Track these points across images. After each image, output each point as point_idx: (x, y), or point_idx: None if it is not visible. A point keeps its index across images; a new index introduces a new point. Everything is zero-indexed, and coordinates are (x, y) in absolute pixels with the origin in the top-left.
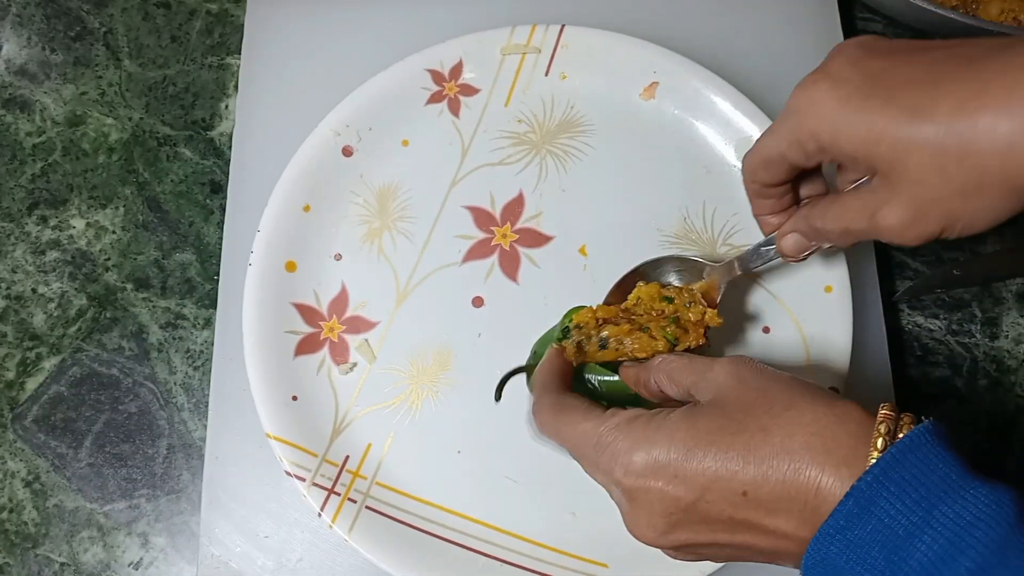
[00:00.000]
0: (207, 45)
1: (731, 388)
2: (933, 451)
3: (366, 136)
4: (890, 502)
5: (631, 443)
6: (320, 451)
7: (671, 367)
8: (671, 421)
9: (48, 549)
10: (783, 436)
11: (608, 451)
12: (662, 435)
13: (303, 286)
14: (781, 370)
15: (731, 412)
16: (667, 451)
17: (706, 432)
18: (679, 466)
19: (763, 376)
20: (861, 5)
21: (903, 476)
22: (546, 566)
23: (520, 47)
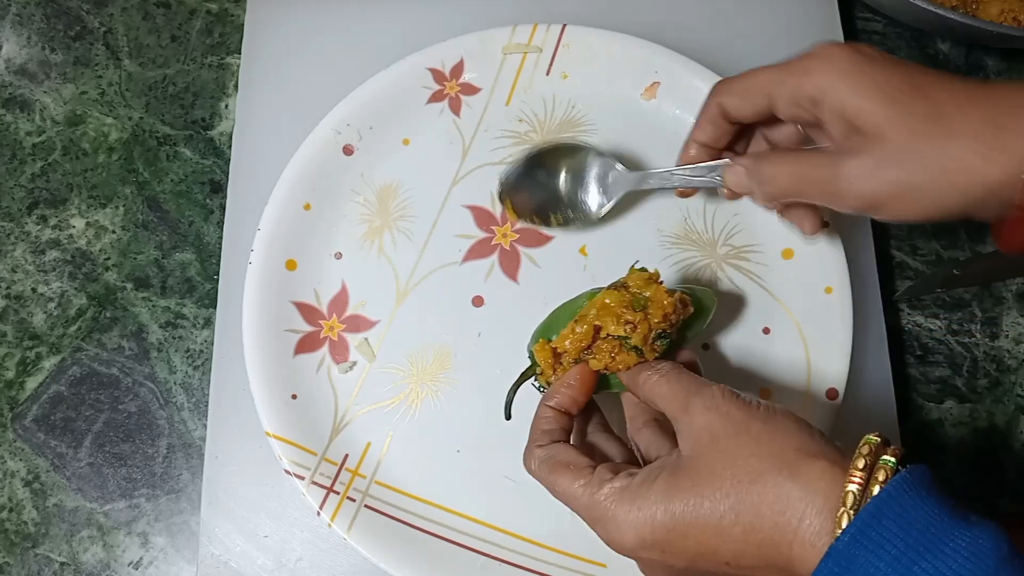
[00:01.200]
0: (207, 45)
1: (703, 448)
2: (910, 503)
3: (367, 135)
4: (870, 560)
5: (620, 521)
6: (319, 450)
7: (655, 392)
8: (651, 498)
9: (48, 549)
10: (753, 515)
11: (601, 525)
12: (644, 515)
13: (303, 285)
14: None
15: (703, 484)
16: (651, 532)
17: (682, 511)
18: (664, 544)
19: (734, 436)
20: (861, 5)
21: (880, 534)
22: (545, 566)
23: (521, 46)
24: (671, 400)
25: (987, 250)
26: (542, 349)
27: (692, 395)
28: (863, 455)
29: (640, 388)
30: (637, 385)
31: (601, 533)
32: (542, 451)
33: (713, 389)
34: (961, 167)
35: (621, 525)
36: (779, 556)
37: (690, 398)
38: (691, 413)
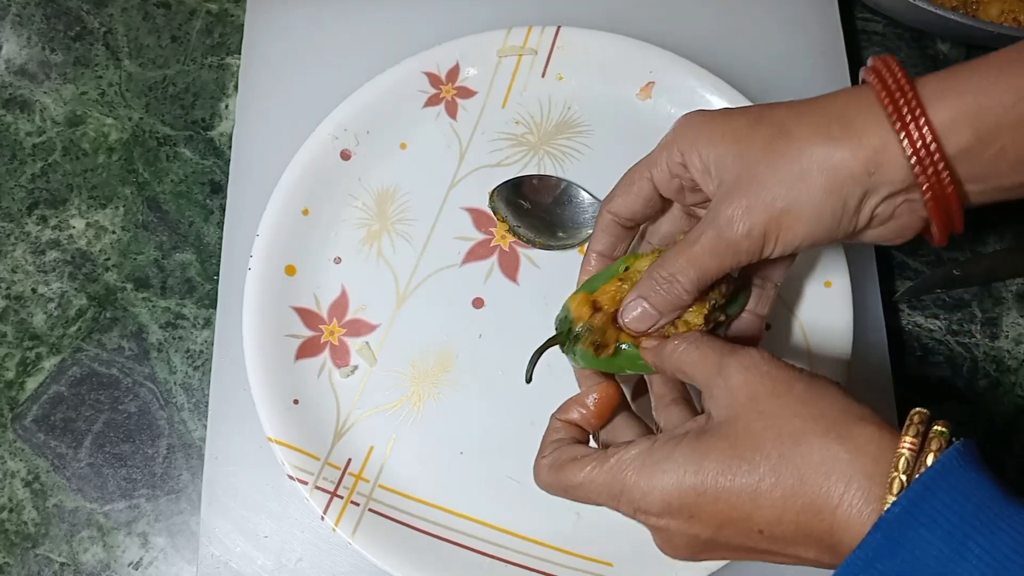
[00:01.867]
0: (207, 45)
1: (741, 408)
2: (965, 477)
3: (364, 139)
4: (921, 534)
5: (645, 486)
6: (322, 454)
7: (683, 361)
8: (677, 460)
9: (48, 549)
10: (795, 478)
11: (624, 496)
12: (670, 478)
13: (303, 290)
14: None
15: (740, 447)
16: (678, 494)
17: (715, 473)
18: (692, 509)
19: (775, 396)
20: (861, 5)
21: (934, 507)
22: (551, 566)
23: (516, 49)
24: (702, 366)
25: (987, 250)
26: (582, 301)
27: (726, 356)
28: (914, 423)
29: (667, 360)
30: (664, 357)
31: (624, 505)
32: (546, 459)
33: (749, 350)
34: (820, 168)
35: (644, 489)
36: (820, 523)
37: (724, 359)
38: (726, 375)
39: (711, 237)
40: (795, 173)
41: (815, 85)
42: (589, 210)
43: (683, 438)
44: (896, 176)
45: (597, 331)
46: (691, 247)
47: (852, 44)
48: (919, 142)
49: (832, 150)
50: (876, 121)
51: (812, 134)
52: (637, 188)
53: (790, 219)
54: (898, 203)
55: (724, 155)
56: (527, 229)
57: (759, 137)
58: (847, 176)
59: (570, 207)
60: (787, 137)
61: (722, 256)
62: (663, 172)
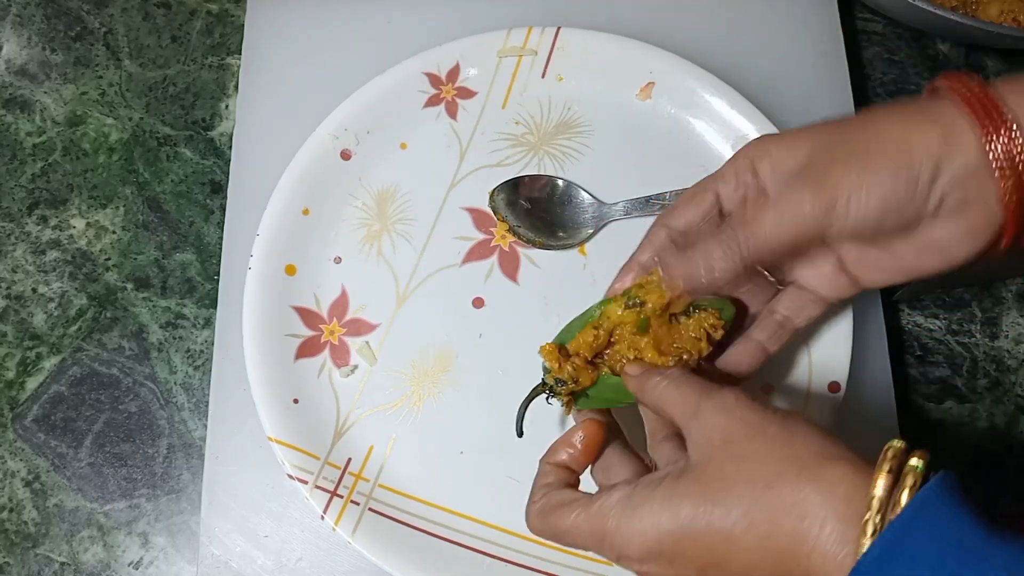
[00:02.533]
0: (207, 45)
1: (715, 451)
2: (944, 514)
3: (364, 139)
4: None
5: (624, 531)
6: (322, 454)
7: (663, 399)
8: (655, 505)
9: (48, 549)
10: (768, 522)
11: (607, 541)
12: (648, 523)
13: (303, 289)
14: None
15: (713, 490)
16: (657, 539)
17: (690, 518)
18: (671, 554)
19: (748, 439)
20: (861, 5)
21: (913, 548)
22: (551, 565)
23: (517, 49)
24: (680, 405)
25: None
26: (550, 351)
27: (703, 398)
28: (888, 459)
29: (648, 395)
30: (645, 392)
31: (608, 551)
32: (536, 505)
33: (725, 392)
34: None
35: (625, 535)
36: (796, 567)
37: (701, 402)
38: (701, 417)
39: (778, 203)
40: (872, 142)
41: (815, 85)
42: (589, 210)
43: (661, 482)
44: (970, 157)
45: (571, 380)
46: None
47: (852, 44)
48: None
49: (910, 122)
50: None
51: (888, 114)
52: (698, 200)
53: (863, 183)
54: (969, 190)
55: (798, 151)
56: (527, 229)
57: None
58: (923, 145)
59: (570, 207)
60: (863, 120)
61: (788, 223)
62: (730, 184)
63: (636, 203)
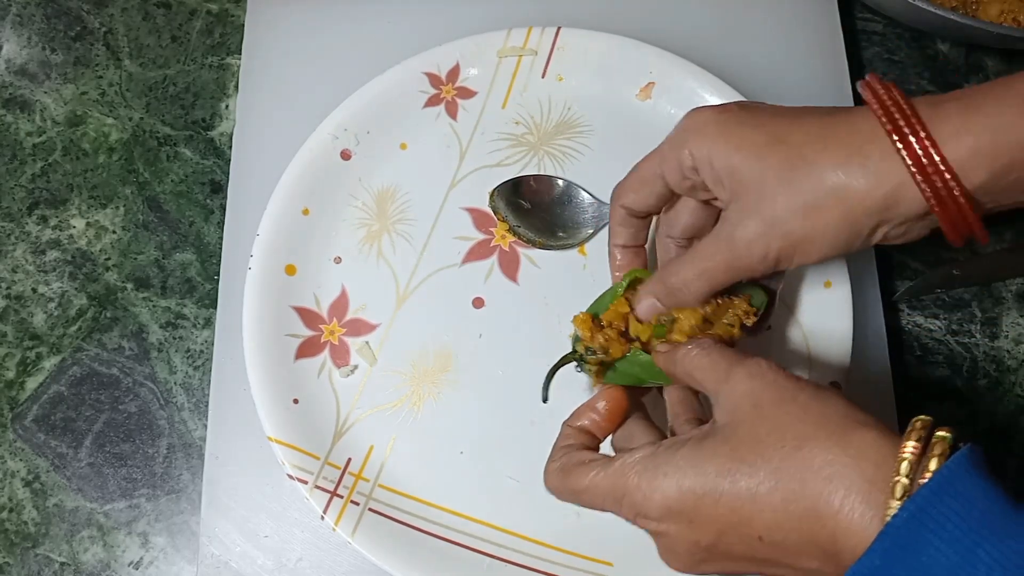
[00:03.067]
0: (207, 45)
1: (745, 415)
2: (972, 483)
3: (364, 139)
4: (929, 540)
5: (645, 488)
6: (322, 454)
7: (694, 366)
8: (679, 463)
9: (48, 549)
10: (796, 482)
11: (626, 499)
12: (671, 480)
13: (303, 289)
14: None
15: (742, 450)
16: (678, 497)
17: (715, 475)
18: (692, 512)
19: (779, 403)
20: (861, 5)
21: (942, 512)
22: (551, 566)
23: (517, 49)
24: (711, 372)
25: (987, 250)
26: (584, 320)
27: (735, 364)
28: (916, 428)
29: (678, 364)
30: (675, 361)
31: (626, 509)
32: (556, 463)
33: (757, 359)
34: (838, 200)
35: (646, 492)
36: (821, 530)
37: (732, 367)
38: (732, 382)
39: (725, 256)
40: (813, 203)
41: (815, 85)
42: (589, 210)
43: (686, 442)
44: (912, 210)
45: (601, 351)
46: (704, 262)
47: (852, 44)
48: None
49: (852, 183)
50: (892, 156)
51: (832, 165)
52: (651, 186)
53: (805, 245)
54: (908, 227)
55: (740, 169)
56: (527, 229)
57: (777, 159)
58: (864, 210)
59: (570, 207)
60: (807, 165)
61: (734, 273)
62: (675, 172)
63: None
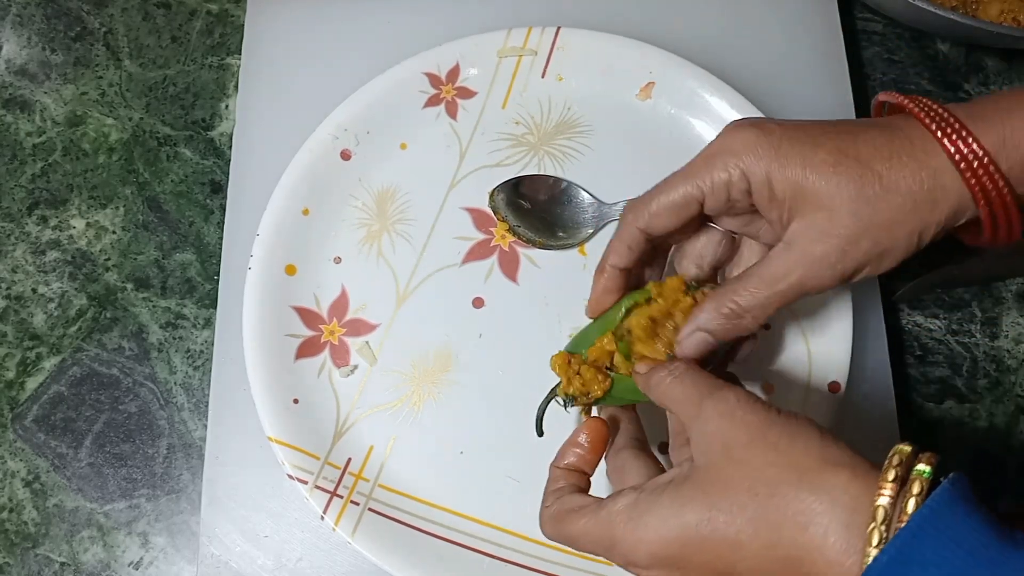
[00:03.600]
0: (207, 45)
1: (717, 457)
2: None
3: (364, 139)
4: None
5: (631, 538)
6: (322, 454)
7: (667, 395)
8: (661, 511)
9: (48, 549)
10: (772, 530)
11: (616, 549)
12: (654, 530)
13: (303, 289)
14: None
15: (716, 496)
16: (664, 546)
17: (695, 524)
18: (678, 560)
19: (749, 446)
20: (861, 5)
21: (924, 556)
22: (551, 565)
23: (516, 49)
24: (684, 404)
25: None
26: (561, 364)
27: (705, 398)
28: (893, 466)
29: (654, 391)
30: (651, 388)
31: (617, 558)
32: (548, 510)
33: (727, 393)
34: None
35: (632, 543)
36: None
37: (703, 401)
38: (704, 419)
39: (800, 274)
40: (892, 219)
41: (815, 85)
42: (589, 210)
43: (666, 488)
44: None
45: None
46: (777, 283)
47: (852, 44)
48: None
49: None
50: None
51: (906, 180)
52: (681, 209)
53: (882, 259)
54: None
55: (808, 187)
56: (527, 229)
57: (848, 176)
58: (935, 222)
59: (570, 207)
60: (880, 180)
61: (806, 291)
62: (719, 193)
63: None
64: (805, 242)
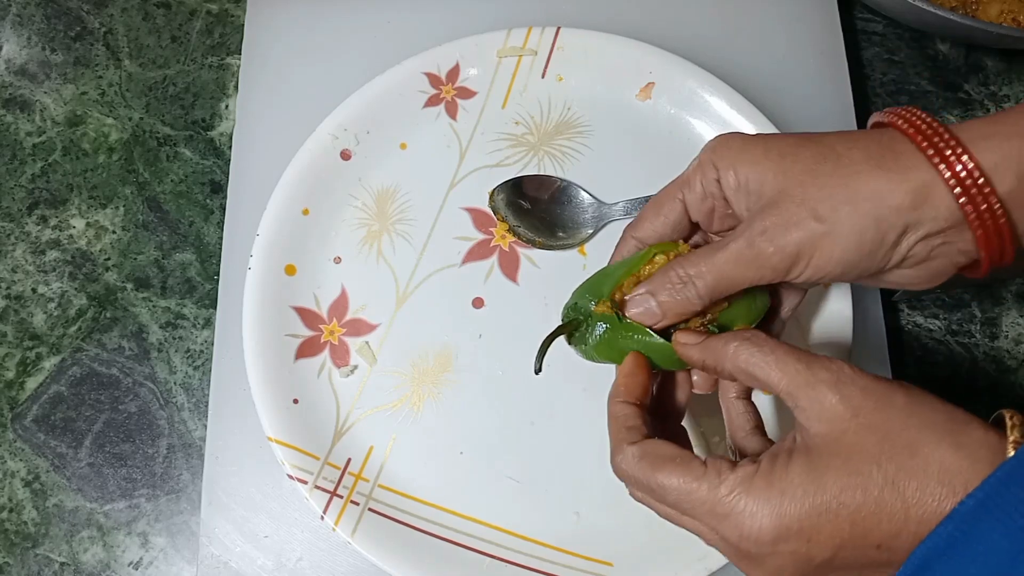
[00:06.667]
0: (207, 45)
1: (847, 424)
2: None
3: (364, 139)
4: (993, 527)
5: (757, 511)
6: (322, 454)
7: (753, 364)
8: (794, 480)
9: (48, 549)
10: (916, 489)
11: (730, 521)
12: (789, 500)
13: (303, 290)
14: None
15: (856, 462)
16: (798, 518)
17: (836, 492)
18: (811, 531)
19: (879, 410)
20: (861, 5)
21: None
22: (551, 566)
23: (516, 49)
24: (779, 372)
25: None
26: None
27: (814, 367)
28: (1017, 424)
29: (729, 359)
30: (722, 357)
31: (730, 530)
32: (636, 448)
33: (839, 363)
34: (868, 194)
35: (758, 516)
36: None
37: (813, 370)
38: (818, 387)
39: (740, 246)
40: (841, 196)
41: (815, 85)
42: (589, 210)
43: (791, 458)
44: (940, 214)
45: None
46: (716, 252)
47: (852, 44)
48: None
49: (881, 178)
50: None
51: (864, 159)
52: (667, 210)
53: (828, 242)
54: (935, 244)
55: (765, 172)
56: (527, 229)
57: (806, 155)
58: (893, 207)
59: (570, 207)
60: (837, 159)
61: (746, 268)
62: (696, 192)
63: (636, 203)
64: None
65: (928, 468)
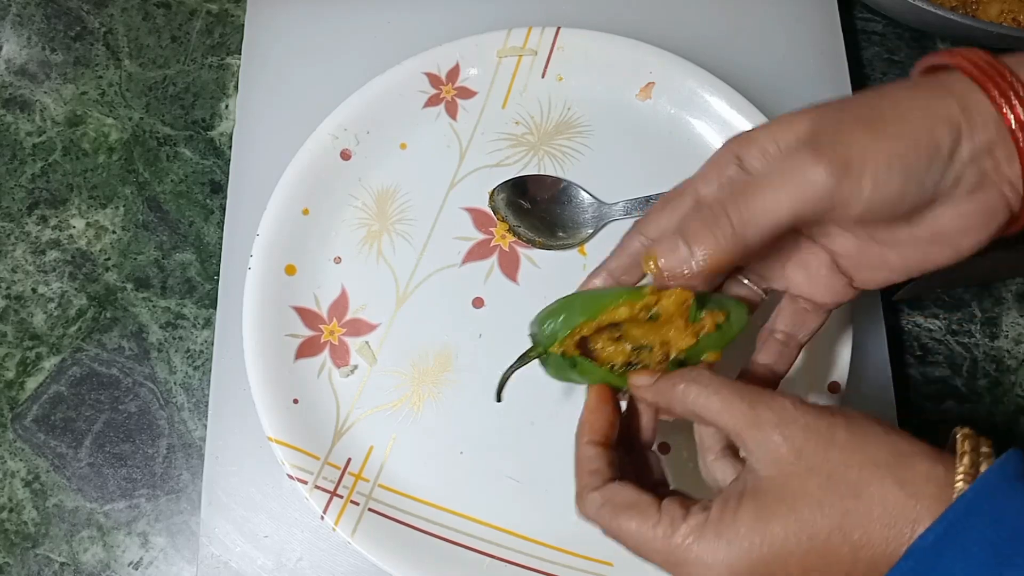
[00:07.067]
0: (207, 45)
1: (789, 466)
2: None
3: (364, 139)
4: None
5: (710, 561)
6: (322, 454)
7: (701, 406)
8: (741, 530)
9: (48, 549)
10: (861, 532)
11: (685, 569)
12: (736, 549)
13: (303, 290)
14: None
15: (800, 508)
16: (748, 566)
17: (782, 539)
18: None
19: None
20: (861, 5)
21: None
22: (551, 566)
23: (516, 49)
24: (729, 415)
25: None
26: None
27: (758, 407)
28: (967, 451)
29: (678, 401)
30: (672, 399)
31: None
32: (598, 494)
33: (781, 400)
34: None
35: (711, 564)
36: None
37: (757, 411)
38: (763, 428)
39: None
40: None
41: (815, 85)
42: (589, 210)
43: (739, 503)
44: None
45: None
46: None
47: (852, 44)
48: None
49: (924, 93)
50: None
51: (898, 86)
52: (675, 204)
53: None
54: (987, 167)
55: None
56: (527, 229)
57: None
58: (943, 116)
59: (570, 207)
60: (872, 91)
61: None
62: (712, 188)
63: (636, 203)
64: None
65: (872, 511)
